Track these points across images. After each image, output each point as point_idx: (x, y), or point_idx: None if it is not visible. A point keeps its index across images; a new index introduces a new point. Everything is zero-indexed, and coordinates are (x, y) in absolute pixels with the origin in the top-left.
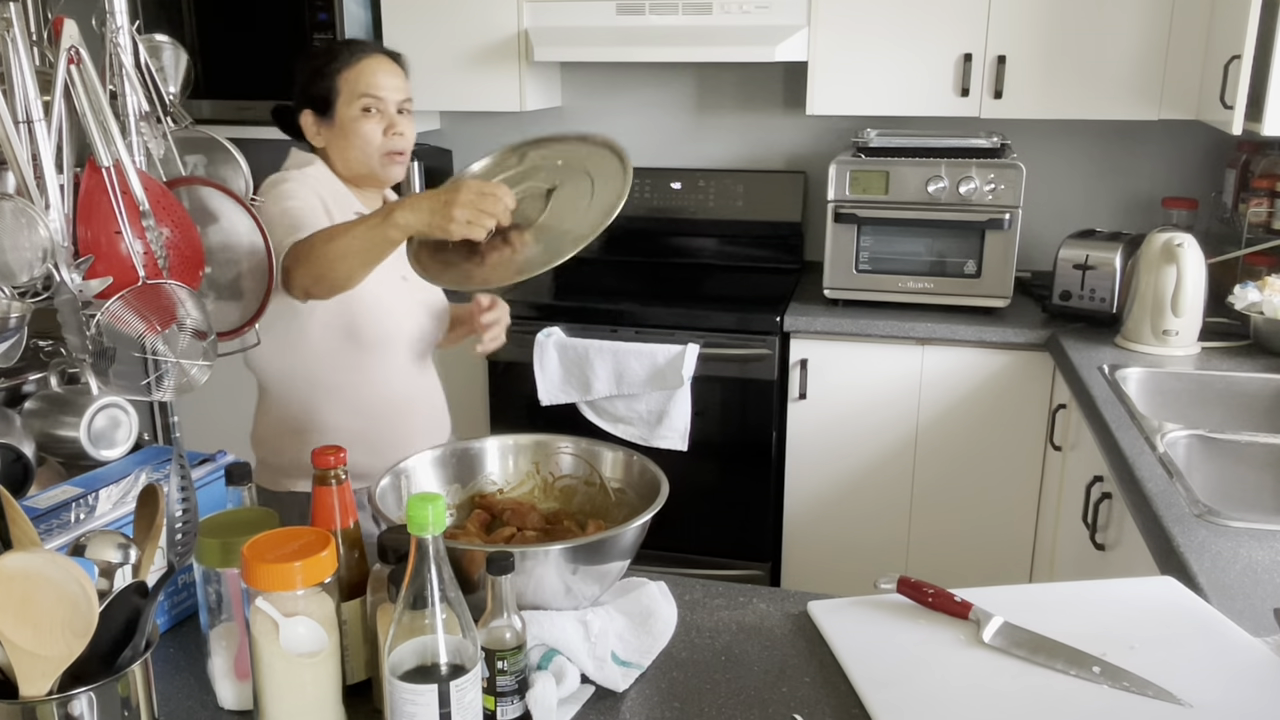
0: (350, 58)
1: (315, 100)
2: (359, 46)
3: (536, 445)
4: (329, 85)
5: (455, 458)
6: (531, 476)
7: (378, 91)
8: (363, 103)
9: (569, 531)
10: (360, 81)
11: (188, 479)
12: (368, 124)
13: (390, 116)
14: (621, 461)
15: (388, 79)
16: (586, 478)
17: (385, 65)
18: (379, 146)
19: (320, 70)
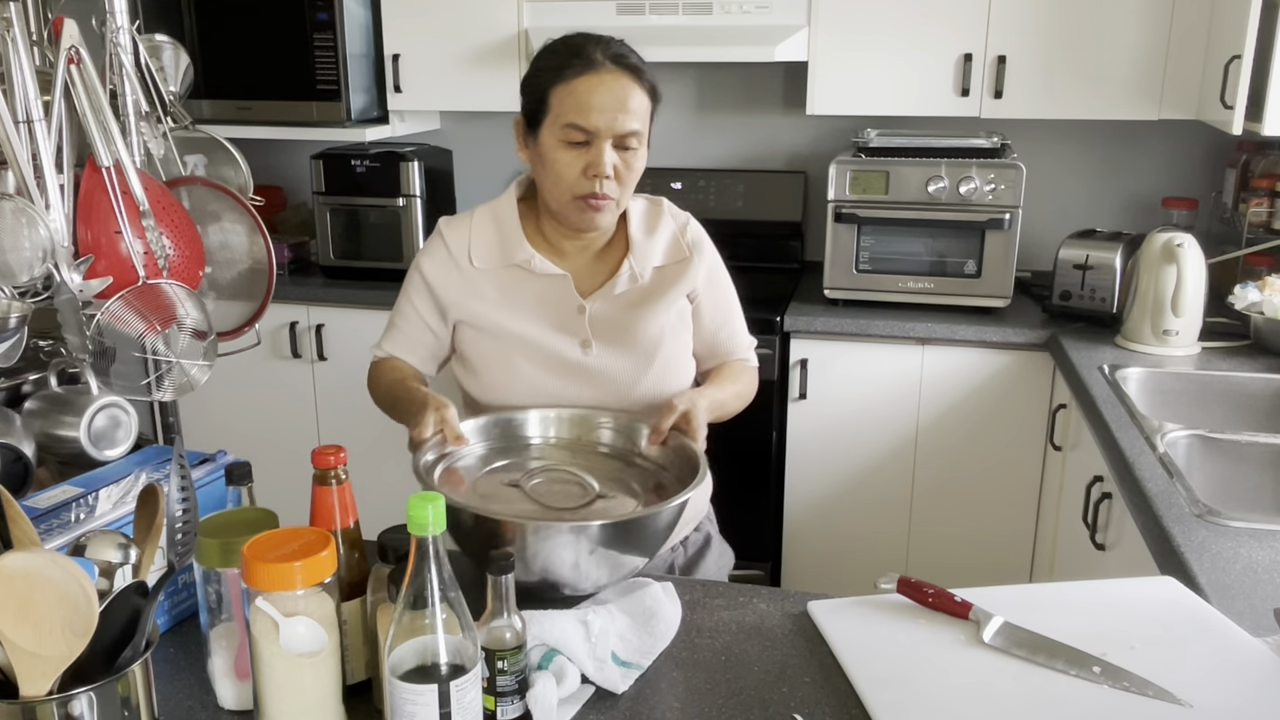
0: (569, 70)
1: (526, 107)
2: (590, 53)
3: (577, 418)
4: (538, 98)
5: (498, 427)
6: (570, 446)
7: (588, 121)
8: (566, 133)
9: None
10: (570, 103)
11: (188, 479)
12: (565, 156)
13: (597, 153)
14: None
15: (608, 103)
16: (624, 452)
17: (611, 85)
18: (572, 187)
19: (535, 76)
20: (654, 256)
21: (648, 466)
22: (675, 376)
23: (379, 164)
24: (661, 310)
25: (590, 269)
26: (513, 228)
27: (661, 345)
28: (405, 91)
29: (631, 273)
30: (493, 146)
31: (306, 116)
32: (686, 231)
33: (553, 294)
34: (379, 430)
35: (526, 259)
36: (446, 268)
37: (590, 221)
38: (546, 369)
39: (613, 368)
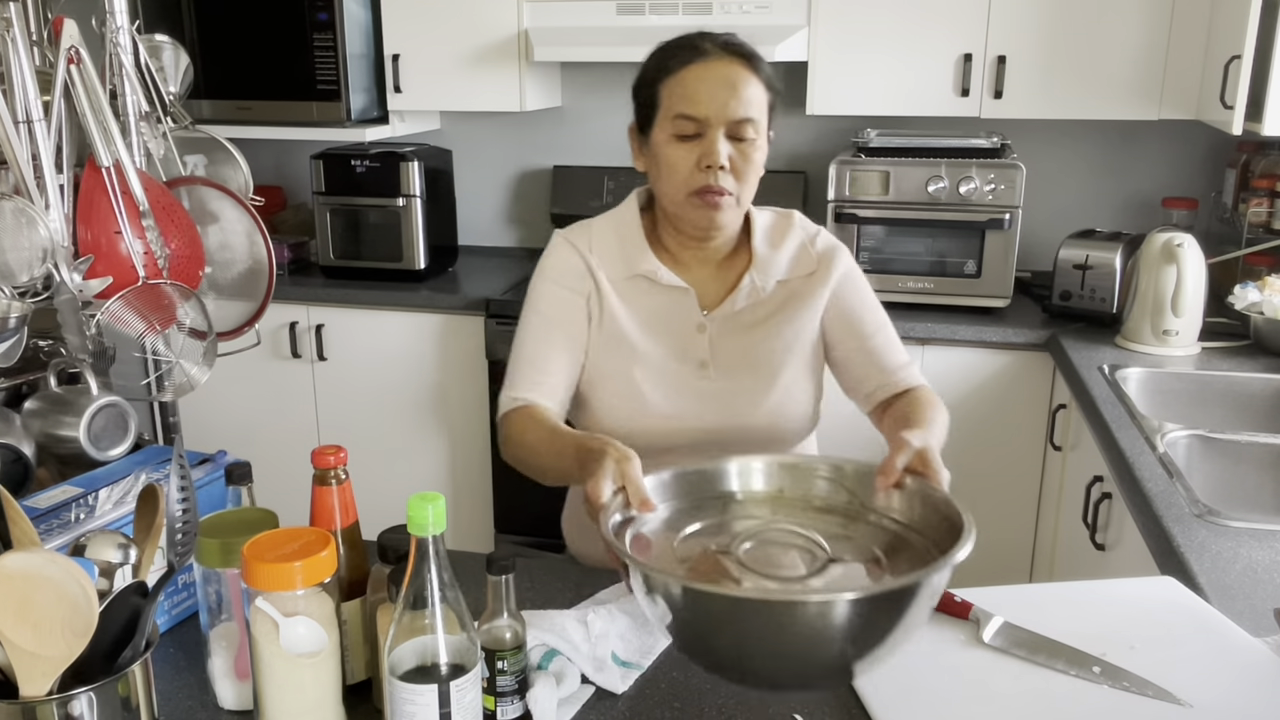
0: (676, 60)
1: (638, 111)
2: (699, 43)
3: (785, 468)
4: (648, 95)
5: (684, 482)
6: (772, 502)
7: (697, 109)
8: (676, 125)
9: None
10: (680, 93)
11: (188, 479)
12: (677, 151)
13: (710, 143)
14: (901, 492)
15: (718, 89)
16: (841, 505)
17: (721, 70)
18: (687, 182)
19: (644, 75)
20: (777, 270)
21: (880, 521)
22: (797, 402)
23: (379, 164)
24: (784, 330)
25: (712, 281)
26: (636, 237)
27: (783, 369)
28: (405, 91)
29: (752, 287)
30: (493, 146)
31: (306, 116)
32: (816, 242)
33: (674, 308)
34: (379, 430)
35: (651, 269)
36: (578, 268)
37: (709, 219)
38: (664, 388)
39: (730, 390)
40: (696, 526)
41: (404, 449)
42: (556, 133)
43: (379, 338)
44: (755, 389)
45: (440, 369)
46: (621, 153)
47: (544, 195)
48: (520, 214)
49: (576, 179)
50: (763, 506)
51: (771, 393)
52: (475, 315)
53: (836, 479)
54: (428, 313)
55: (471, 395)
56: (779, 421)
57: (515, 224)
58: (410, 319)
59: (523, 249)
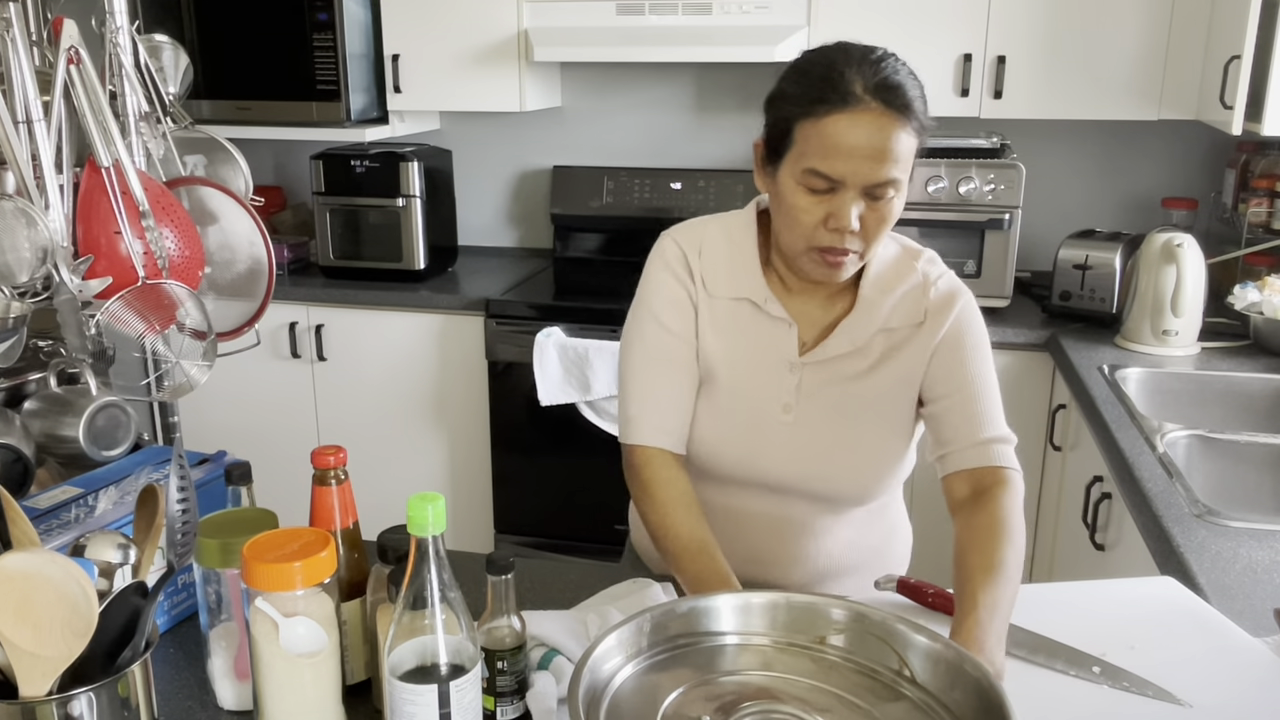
0: (822, 104)
1: (769, 133)
2: (848, 83)
3: (800, 609)
4: (783, 126)
5: (674, 621)
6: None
7: (834, 170)
8: (807, 178)
9: None
10: (817, 144)
11: (188, 479)
12: (804, 201)
13: (841, 204)
14: (934, 656)
15: (861, 149)
16: (874, 669)
17: (869, 127)
18: (808, 236)
19: (781, 101)
20: (880, 318)
21: (915, 696)
22: (881, 465)
23: (379, 164)
24: (877, 384)
25: (816, 313)
26: (750, 254)
27: (868, 425)
28: (405, 92)
29: (849, 336)
30: (493, 147)
31: (306, 117)
32: (931, 290)
33: (772, 340)
34: (379, 430)
35: (762, 296)
36: (685, 278)
37: (826, 276)
38: (744, 425)
39: (810, 439)
40: (680, 690)
41: (404, 449)
42: (556, 133)
43: (379, 338)
44: (836, 442)
45: (440, 369)
46: (621, 153)
47: (544, 195)
48: (520, 214)
49: (576, 179)
50: (780, 656)
51: (853, 448)
52: (475, 315)
53: (863, 630)
54: (428, 313)
55: (471, 395)
56: (859, 481)
57: (515, 224)
58: (410, 319)
59: (522, 249)
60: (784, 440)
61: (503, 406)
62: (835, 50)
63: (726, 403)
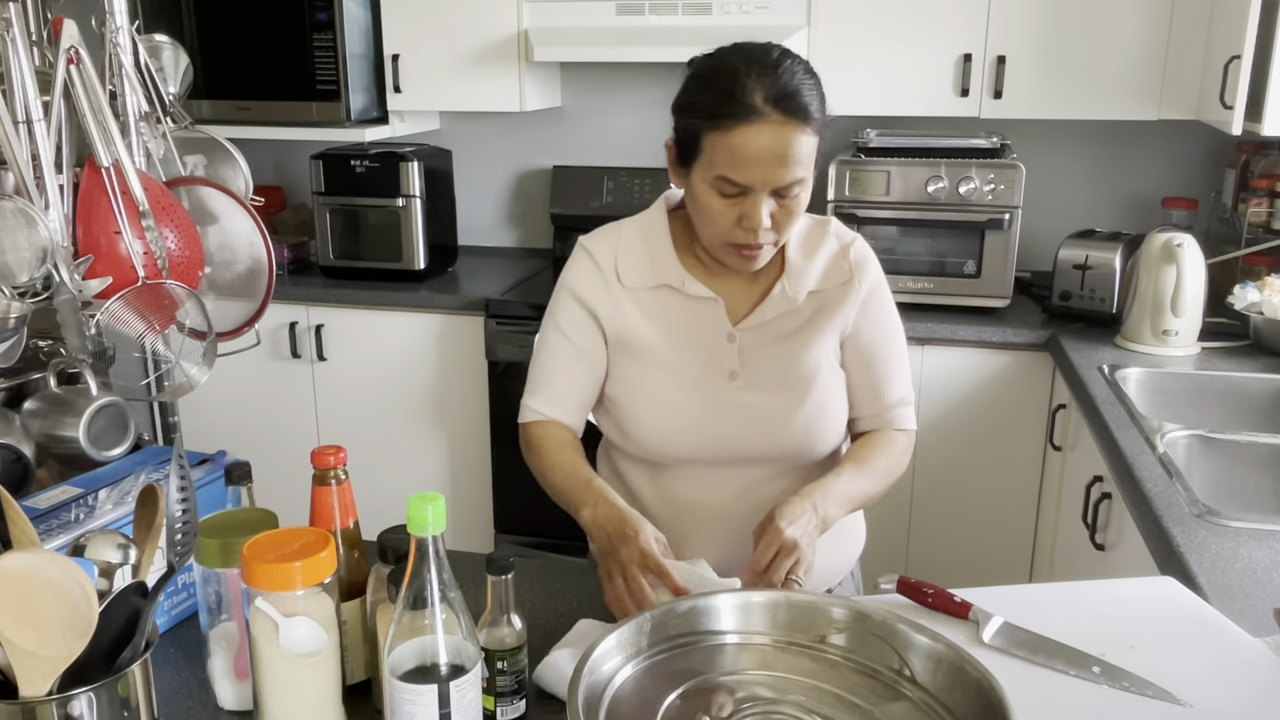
0: (725, 118)
1: (678, 139)
2: (749, 96)
3: (799, 609)
4: (693, 138)
5: (675, 621)
6: (785, 649)
7: (743, 177)
8: (721, 186)
9: None
10: (726, 156)
11: (188, 479)
12: (717, 204)
13: (752, 205)
14: (935, 656)
15: (767, 158)
16: (874, 669)
17: (772, 137)
18: (724, 234)
19: (687, 111)
20: (810, 280)
21: (915, 696)
22: (830, 419)
23: (379, 164)
24: (817, 342)
25: (742, 291)
26: (664, 244)
27: (815, 381)
28: (405, 92)
29: (784, 296)
30: (492, 146)
31: (306, 117)
32: (850, 252)
33: (702, 318)
34: (379, 430)
35: (679, 279)
36: (596, 283)
37: (743, 267)
38: (693, 398)
39: (762, 403)
40: (680, 691)
41: (404, 449)
42: (556, 133)
43: (379, 338)
44: (788, 401)
45: (440, 369)
46: (621, 153)
47: (544, 195)
48: (520, 214)
49: (576, 179)
50: (775, 654)
51: (805, 405)
52: (475, 315)
53: (864, 630)
54: (427, 313)
55: (471, 395)
56: (811, 434)
57: (515, 224)
58: (410, 319)
59: (522, 249)
60: (735, 405)
61: (503, 406)
62: (734, 55)
63: (670, 383)
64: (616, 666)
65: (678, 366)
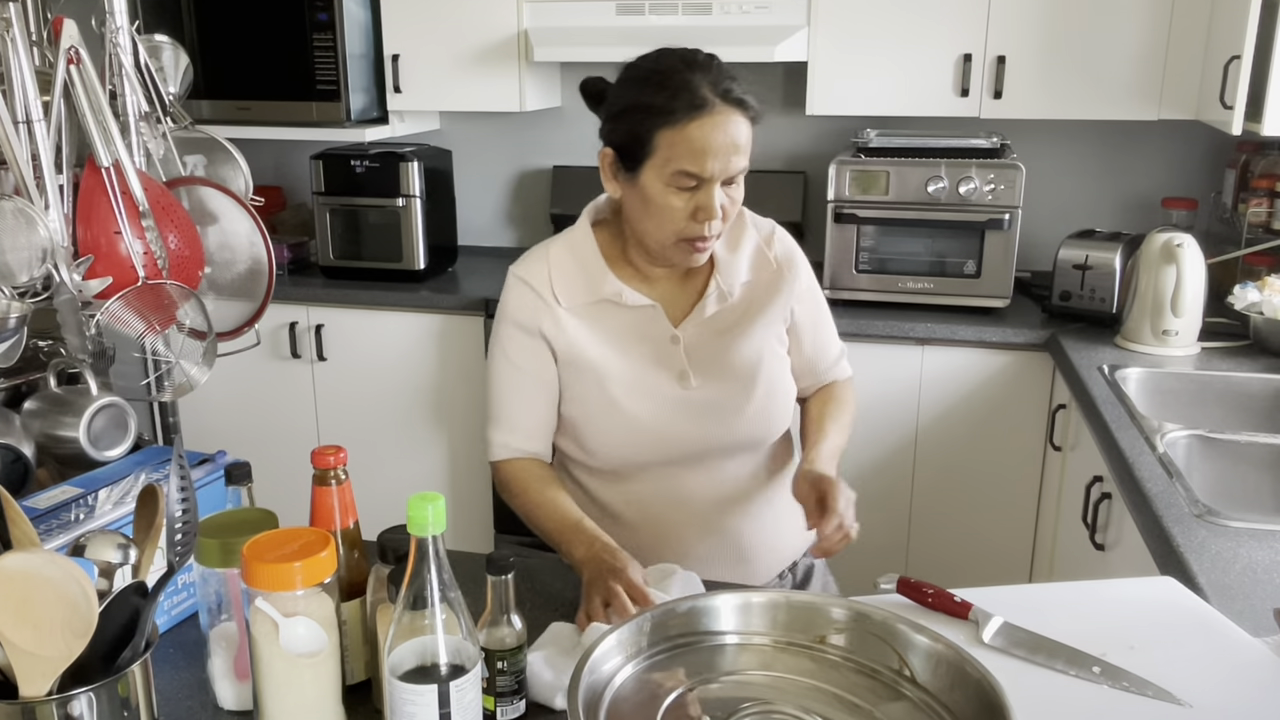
0: (683, 113)
1: (621, 144)
2: (698, 90)
3: (798, 609)
4: (642, 139)
5: (672, 622)
6: (785, 650)
7: (704, 169)
8: (676, 179)
9: None
10: (684, 149)
11: (188, 479)
12: (674, 200)
13: (707, 196)
14: (934, 656)
15: (723, 147)
16: (873, 668)
17: (724, 126)
18: (678, 230)
19: (635, 112)
20: (740, 272)
21: (915, 696)
22: (780, 401)
23: (378, 164)
24: (757, 331)
25: (678, 293)
26: (595, 261)
27: (761, 368)
28: (405, 92)
29: (719, 292)
30: (492, 146)
31: (306, 117)
32: (772, 243)
33: (644, 325)
34: (379, 430)
35: (615, 292)
36: (536, 307)
37: (691, 261)
38: (647, 405)
39: (714, 399)
40: (679, 691)
41: (404, 449)
42: (556, 133)
43: (379, 338)
44: (739, 392)
45: (440, 369)
46: None
47: (544, 195)
48: (520, 214)
49: (576, 179)
50: (775, 655)
51: (755, 392)
52: (475, 315)
53: (863, 630)
54: (427, 313)
55: (471, 395)
56: (767, 419)
57: (515, 224)
58: (410, 319)
59: (522, 249)
60: (690, 405)
61: None
62: (669, 57)
63: (624, 394)
64: (616, 666)
65: (628, 377)
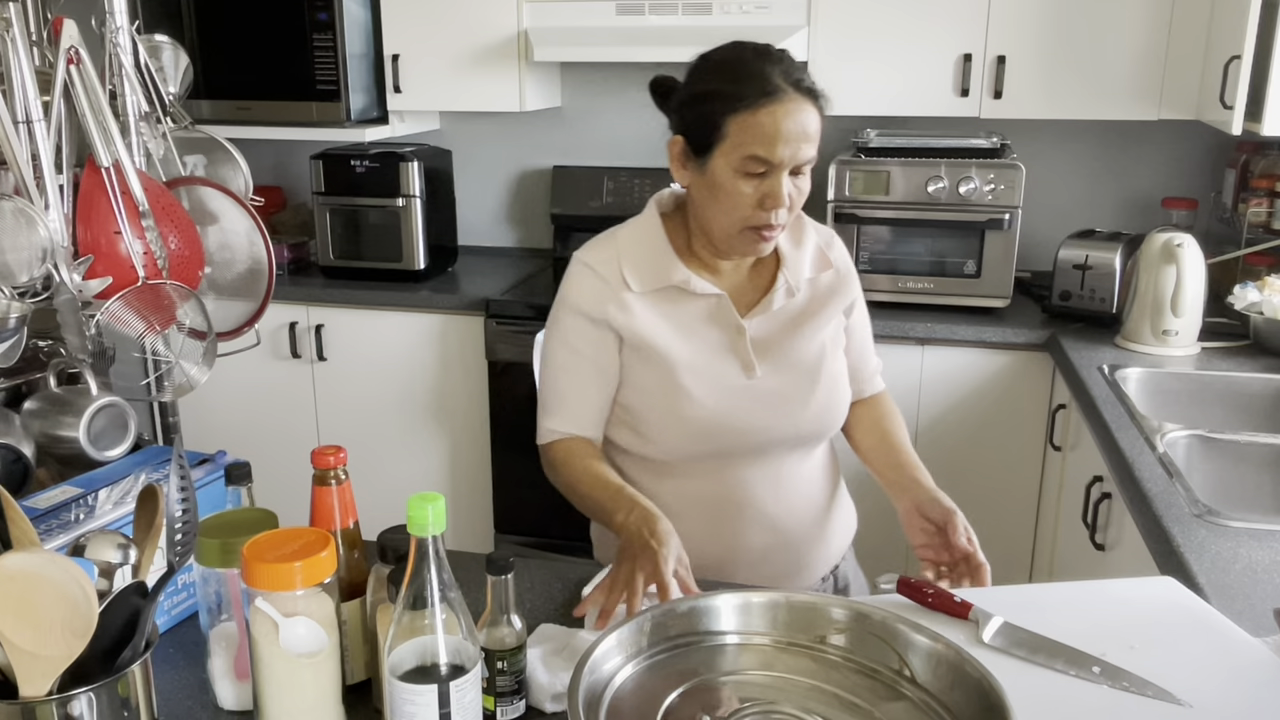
0: (755, 98)
1: (691, 130)
2: (771, 79)
3: (799, 609)
4: (713, 124)
5: (672, 622)
6: (786, 649)
7: (773, 154)
8: (746, 164)
9: None
10: (755, 134)
11: (188, 479)
12: (743, 187)
13: (775, 184)
14: (935, 656)
15: (794, 134)
16: (873, 669)
17: (795, 114)
18: (745, 217)
19: (707, 100)
20: (805, 268)
21: (915, 696)
22: (839, 397)
23: (378, 164)
24: (820, 326)
25: (744, 286)
26: (664, 248)
27: (824, 362)
28: (405, 92)
29: (787, 285)
30: (492, 146)
31: (306, 117)
32: (832, 246)
33: (711, 314)
34: (379, 430)
35: (684, 279)
36: (603, 294)
37: (757, 250)
38: (711, 393)
39: (779, 390)
40: (678, 691)
41: (404, 449)
42: (556, 133)
43: (379, 338)
44: (803, 385)
45: (440, 369)
46: (621, 153)
47: (544, 195)
48: (520, 214)
49: (576, 179)
50: (775, 655)
51: (818, 388)
52: (475, 315)
53: (862, 630)
54: (428, 313)
55: (471, 395)
56: (829, 413)
57: (515, 224)
58: (410, 319)
59: (523, 249)
60: (755, 396)
61: (503, 406)
62: (741, 48)
63: (690, 381)
64: (616, 666)
65: (695, 364)
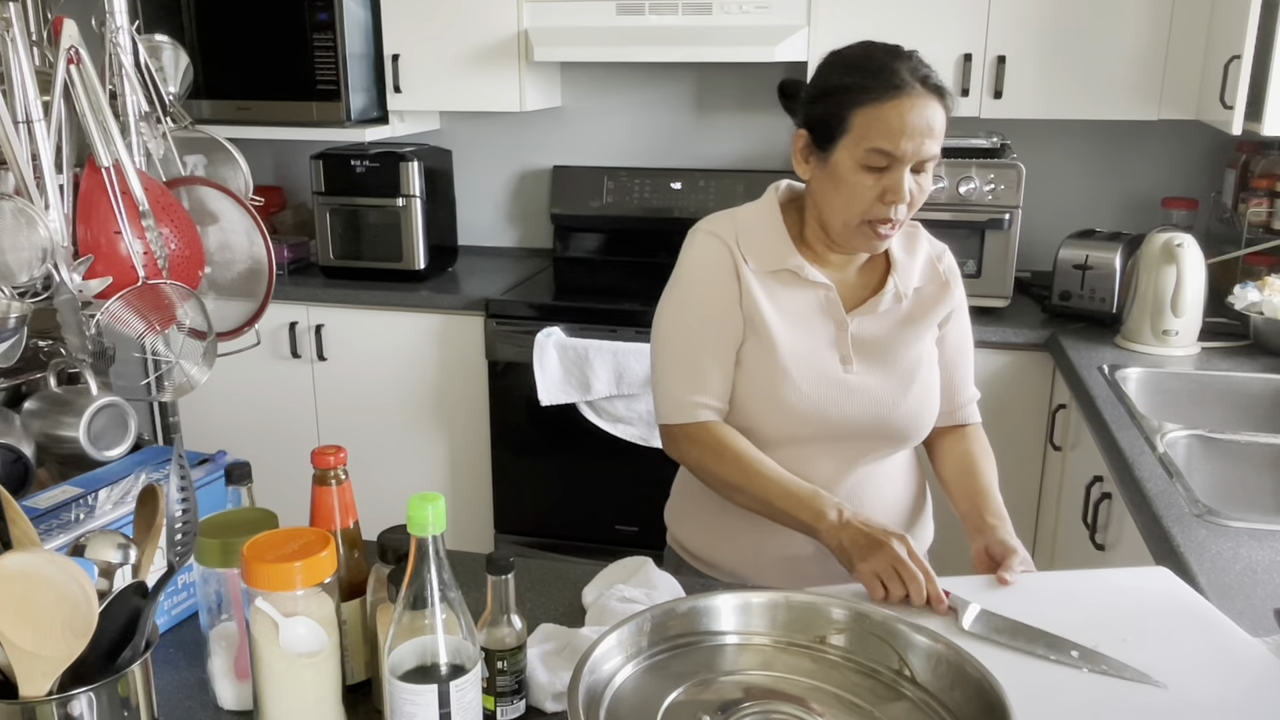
0: (882, 92)
1: (816, 123)
2: (898, 73)
3: (799, 609)
4: (839, 116)
5: (674, 621)
6: (786, 649)
7: (897, 148)
8: (869, 157)
9: None
10: (879, 127)
11: (188, 479)
12: (864, 179)
13: (897, 179)
14: (934, 656)
15: (918, 128)
16: (873, 669)
17: (921, 109)
18: (864, 211)
19: (834, 93)
20: (914, 278)
21: (915, 696)
22: (930, 404)
23: (379, 164)
24: (922, 334)
25: (853, 283)
26: (780, 232)
27: (919, 370)
28: (405, 92)
29: (896, 291)
30: (493, 146)
31: (306, 116)
32: (943, 259)
33: (818, 304)
34: (379, 430)
35: (797, 265)
36: (728, 264)
37: (871, 247)
38: (810, 379)
39: (872, 388)
40: (680, 690)
41: (404, 449)
42: (556, 133)
43: (379, 338)
44: (897, 386)
45: (440, 369)
46: (621, 153)
47: (544, 195)
48: (520, 214)
49: (576, 179)
50: (776, 655)
51: (910, 392)
52: (475, 315)
53: (861, 629)
54: (428, 313)
55: (471, 395)
56: (916, 420)
57: (515, 224)
58: (410, 319)
59: (523, 249)
60: (850, 389)
61: (503, 406)
62: (870, 46)
63: (793, 364)
64: (616, 666)
65: (797, 349)
